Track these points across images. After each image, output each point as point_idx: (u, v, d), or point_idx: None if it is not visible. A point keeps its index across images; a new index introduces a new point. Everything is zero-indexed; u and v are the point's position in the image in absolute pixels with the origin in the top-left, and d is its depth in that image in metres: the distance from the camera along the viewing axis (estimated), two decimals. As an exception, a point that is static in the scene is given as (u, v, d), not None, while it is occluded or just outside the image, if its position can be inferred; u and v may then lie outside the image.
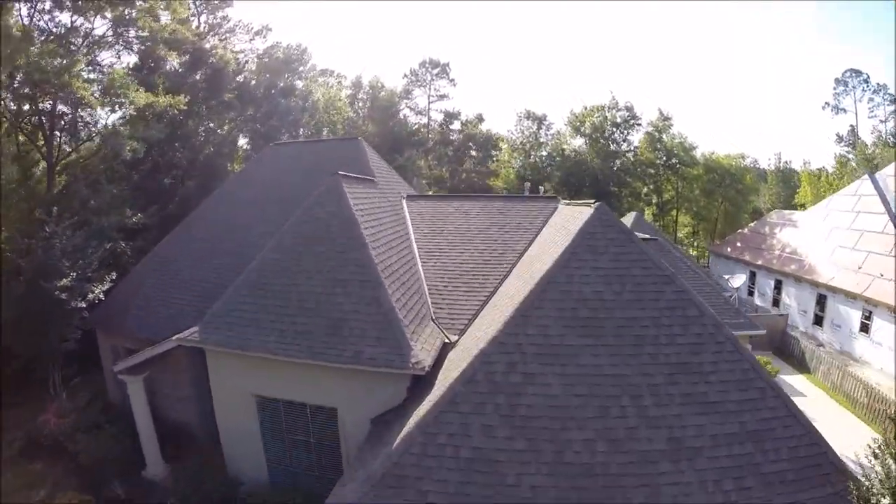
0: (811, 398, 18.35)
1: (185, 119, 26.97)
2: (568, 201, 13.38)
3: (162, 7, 19.63)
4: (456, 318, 10.57)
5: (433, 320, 10.48)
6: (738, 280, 23.38)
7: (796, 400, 19.10)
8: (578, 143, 43.68)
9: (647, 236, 20.55)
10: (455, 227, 13.79)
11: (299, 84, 34.27)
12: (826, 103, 55.58)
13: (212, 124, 30.01)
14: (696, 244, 49.86)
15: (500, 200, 15.09)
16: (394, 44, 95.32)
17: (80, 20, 18.11)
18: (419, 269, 12.03)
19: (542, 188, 24.34)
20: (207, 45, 26.54)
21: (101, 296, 14.45)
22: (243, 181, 16.84)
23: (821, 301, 26.77)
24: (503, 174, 45.23)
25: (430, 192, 43.15)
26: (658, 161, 41.51)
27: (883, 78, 70.14)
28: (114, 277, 14.85)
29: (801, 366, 22.19)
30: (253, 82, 30.04)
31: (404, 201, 15.39)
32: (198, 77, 26.21)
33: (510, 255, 12.40)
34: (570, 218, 10.61)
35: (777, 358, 22.75)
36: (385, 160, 39.88)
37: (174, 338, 10.43)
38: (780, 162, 55.21)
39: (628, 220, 27.20)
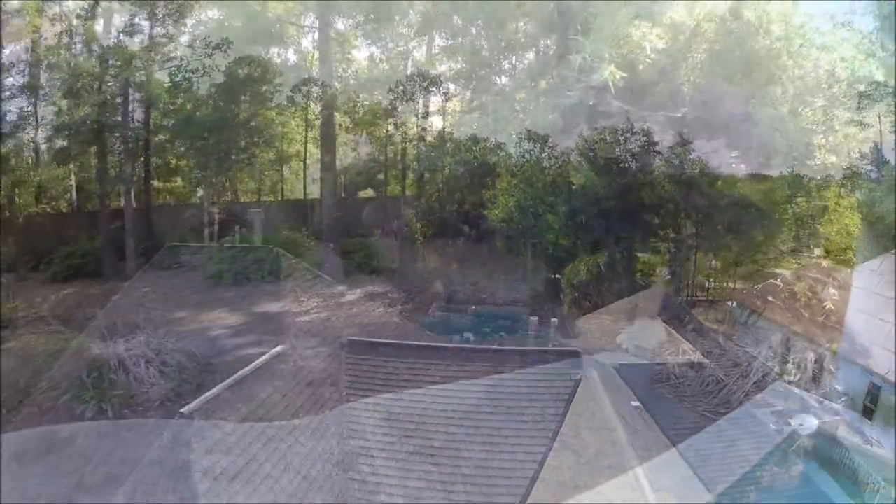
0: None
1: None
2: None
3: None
4: None
5: None
6: (808, 425, 17.07)
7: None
8: (588, 172, 38.59)
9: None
10: (417, 425, 9.24)
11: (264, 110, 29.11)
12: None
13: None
14: (712, 280, 45.29)
15: (488, 360, 10.44)
16: (390, 50, 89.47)
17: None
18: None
19: (553, 321, 19.56)
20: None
21: None
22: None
23: (873, 391, 22.60)
24: (501, 202, 40.20)
25: (419, 225, 38.25)
26: (678, 197, 36.47)
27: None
28: None
29: (851, 478, 18.44)
30: (197, 114, 24.97)
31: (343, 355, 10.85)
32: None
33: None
34: None
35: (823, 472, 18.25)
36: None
37: None
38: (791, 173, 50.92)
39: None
